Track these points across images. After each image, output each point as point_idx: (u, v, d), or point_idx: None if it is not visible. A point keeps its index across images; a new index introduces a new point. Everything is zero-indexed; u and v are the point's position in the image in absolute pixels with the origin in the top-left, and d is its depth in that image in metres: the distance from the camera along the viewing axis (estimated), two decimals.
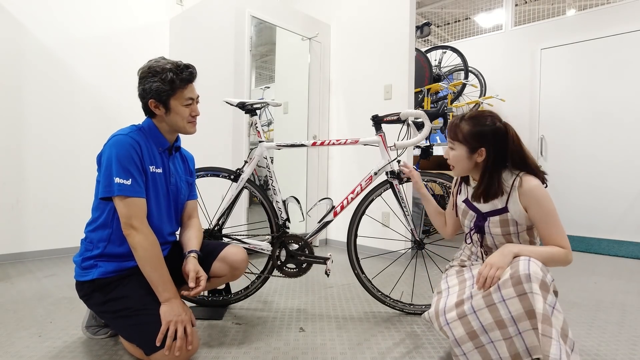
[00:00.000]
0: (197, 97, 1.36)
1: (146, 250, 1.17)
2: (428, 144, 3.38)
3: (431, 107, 3.72)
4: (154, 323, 1.14)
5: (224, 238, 1.71)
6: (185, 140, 1.73)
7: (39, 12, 2.64)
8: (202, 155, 2.71)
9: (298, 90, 3.22)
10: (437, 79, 4.01)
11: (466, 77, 4.12)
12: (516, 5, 4.51)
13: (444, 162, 3.85)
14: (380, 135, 1.65)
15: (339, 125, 3.25)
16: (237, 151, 2.62)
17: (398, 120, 1.61)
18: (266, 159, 1.70)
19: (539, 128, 4.13)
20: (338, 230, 3.22)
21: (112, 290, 1.21)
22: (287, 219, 1.70)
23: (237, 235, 1.70)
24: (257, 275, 1.75)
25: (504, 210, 1.17)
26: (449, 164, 1.26)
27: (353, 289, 2.05)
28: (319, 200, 1.76)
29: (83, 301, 1.27)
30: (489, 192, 1.17)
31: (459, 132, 1.20)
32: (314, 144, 1.69)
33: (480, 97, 4.27)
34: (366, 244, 2.94)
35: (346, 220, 2.58)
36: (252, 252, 1.68)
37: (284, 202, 1.71)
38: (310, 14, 3.44)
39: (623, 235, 3.64)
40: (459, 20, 5.34)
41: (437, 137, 3.91)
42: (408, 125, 1.61)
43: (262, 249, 1.68)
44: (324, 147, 3.32)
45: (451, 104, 4.04)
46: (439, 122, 3.65)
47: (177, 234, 1.47)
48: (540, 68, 4.13)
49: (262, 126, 1.88)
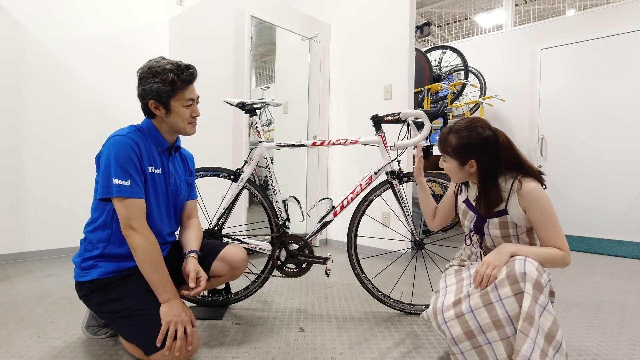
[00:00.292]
0: (197, 97, 1.36)
1: (146, 251, 1.17)
2: (428, 143, 3.37)
3: (431, 107, 3.72)
4: (154, 323, 1.14)
5: (224, 238, 1.70)
6: (185, 140, 1.73)
7: (39, 12, 2.64)
8: (202, 155, 2.71)
9: (298, 90, 3.22)
10: (437, 79, 4.01)
11: (466, 77, 4.12)
12: (516, 5, 4.51)
13: None
14: (380, 135, 1.65)
15: (339, 125, 3.25)
16: (237, 151, 2.62)
17: (398, 120, 1.61)
18: (266, 159, 1.70)
19: (539, 128, 4.13)
20: (338, 230, 3.22)
21: (112, 291, 1.21)
22: (287, 219, 1.70)
23: (237, 235, 1.70)
24: (257, 275, 1.75)
25: (503, 212, 1.17)
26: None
27: (353, 289, 2.05)
28: (319, 200, 1.76)
29: (83, 301, 1.27)
30: (489, 204, 1.17)
31: (447, 145, 1.19)
32: (314, 144, 1.69)
33: (480, 97, 4.27)
34: (366, 244, 2.94)
35: (346, 220, 2.58)
36: (252, 252, 1.68)
37: (284, 202, 1.71)
38: (310, 14, 3.44)
39: (623, 235, 3.64)
40: (459, 20, 5.34)
41: (437, 137, 3.91)
42: (408, 125, 1.61)
43: (262, 249, 1.68)
44: (324, 147, 3.32)
45: (451, 104, 4.04)
46: (439, 122, 3.65)
47: (176, 234, 1.47)
48: (540, 68, 4.13)
49: (262, 126, 1.88)
